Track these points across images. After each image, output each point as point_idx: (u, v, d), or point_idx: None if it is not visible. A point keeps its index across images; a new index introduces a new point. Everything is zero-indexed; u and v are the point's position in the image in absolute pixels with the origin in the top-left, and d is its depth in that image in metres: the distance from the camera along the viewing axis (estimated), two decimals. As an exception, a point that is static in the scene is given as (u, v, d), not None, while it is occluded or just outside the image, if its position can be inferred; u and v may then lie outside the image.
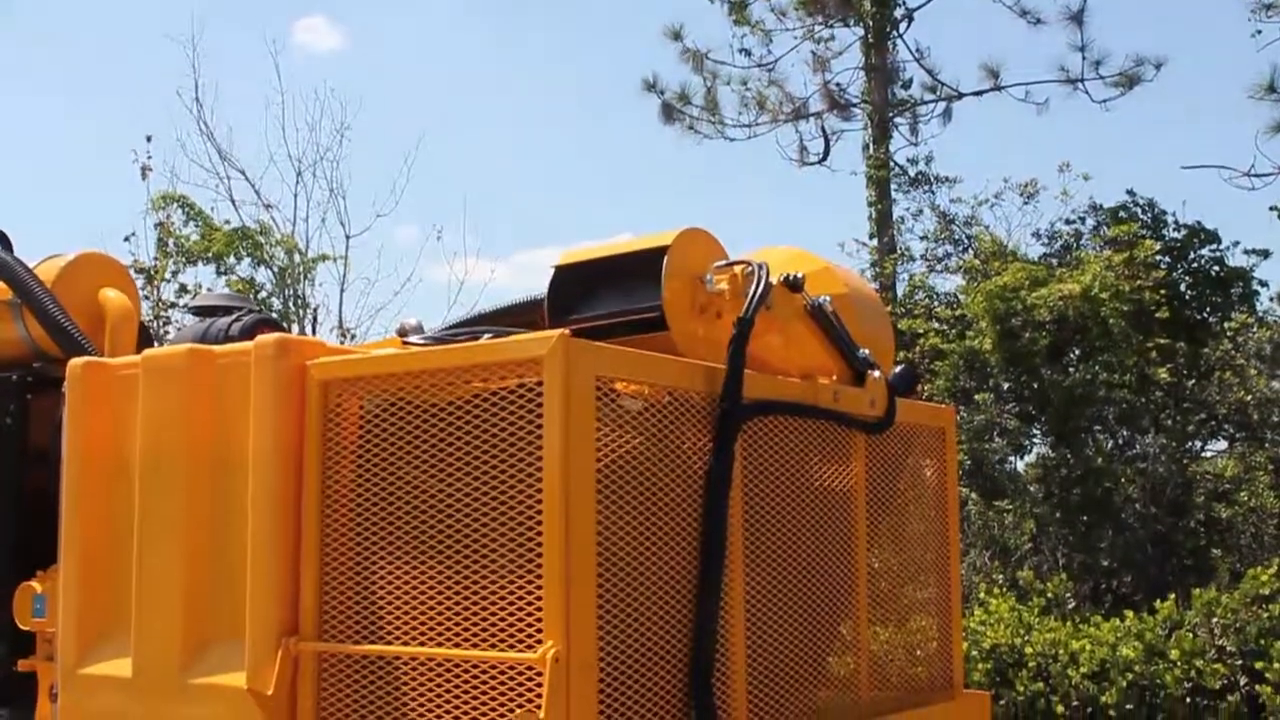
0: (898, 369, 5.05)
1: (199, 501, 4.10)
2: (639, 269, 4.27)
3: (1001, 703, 8.10)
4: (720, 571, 3.86)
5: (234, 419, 4.04)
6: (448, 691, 3.62)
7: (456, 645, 3.61)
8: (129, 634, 4.17)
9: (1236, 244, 15.81)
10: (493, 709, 3.53)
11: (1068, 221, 16.55)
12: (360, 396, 3.90)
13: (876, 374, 4.67)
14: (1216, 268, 15.68)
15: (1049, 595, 9.68)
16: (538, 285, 4.91)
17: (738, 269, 4.26)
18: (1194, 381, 13.83)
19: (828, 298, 4.57)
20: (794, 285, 4.42)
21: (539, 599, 3.45)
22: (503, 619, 3.53)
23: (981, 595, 9.69)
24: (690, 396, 3.92)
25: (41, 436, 5.17)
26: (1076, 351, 13.42)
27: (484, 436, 3.62)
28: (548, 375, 3.50)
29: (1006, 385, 13.29)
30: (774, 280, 4.26)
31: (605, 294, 4.39)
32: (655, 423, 3.80)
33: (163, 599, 4.09)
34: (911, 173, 18.63)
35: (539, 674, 3.39)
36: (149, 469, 4.19)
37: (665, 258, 4.20)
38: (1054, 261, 15.27)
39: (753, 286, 4.15)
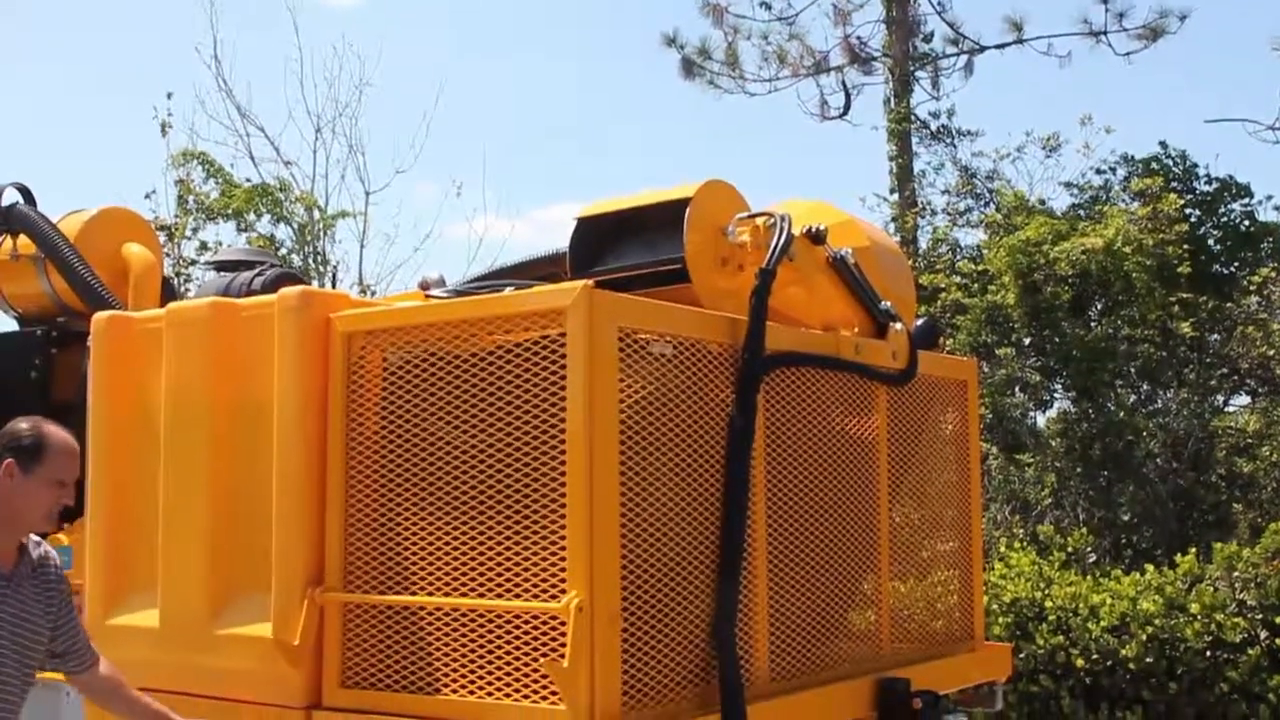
0: (919, 322, 5.03)
1: (224, 454, 4.12)
2: (661, 221, 4.25)
3: (1022, 655, 8.10)
4: (743, 522, 3.87)
5: (258, 372, 4.06)
6: (472, 641, 3.64)
7: (481, 595, 3.63)
8: (156, 586, 4.21)
9: (1269, 198, 15.70)
10: (517, 659, 3.56)
11: (1098, 172, 16.45)
12: (384, 348, 3.91)
13: (899, 326, 4.66)
14: (1247, 223, 15.56)
15: (1069, 550, 9.67)
16: (557, 241, 4.91)
17: (760, 221, 4.24)
18: (1217, 336, 13.76)
19: (850, 250, 4.56)
20: (816, 237, 4.40)
21: (563, 549, 3.47)
22: (527, 569, 3.55)
23: (1002, 550, 9.69)
24: (712, 348, 3.91)
25: (66, 390, 5.20)
26: (1099, 306, 13.35)
27: (508, 388, 3.63)
28: (571, 326, 3.50)
29: (1028, 340, 13.23)
30: (796, 232, 4.24)
31: (627, 247, 4.38)
32: (680, 372, 3.80)
33: (189, 551, 4.13)
34: (933, 127, 18.47)
35: (563, 623, 3.41)
36: (174, 422, 4.21)
37: (687, 210, 4.19)
38: (1082, 213, 15.15)
39: (775, 238, 4.13)
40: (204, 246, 15.55)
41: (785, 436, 4.17)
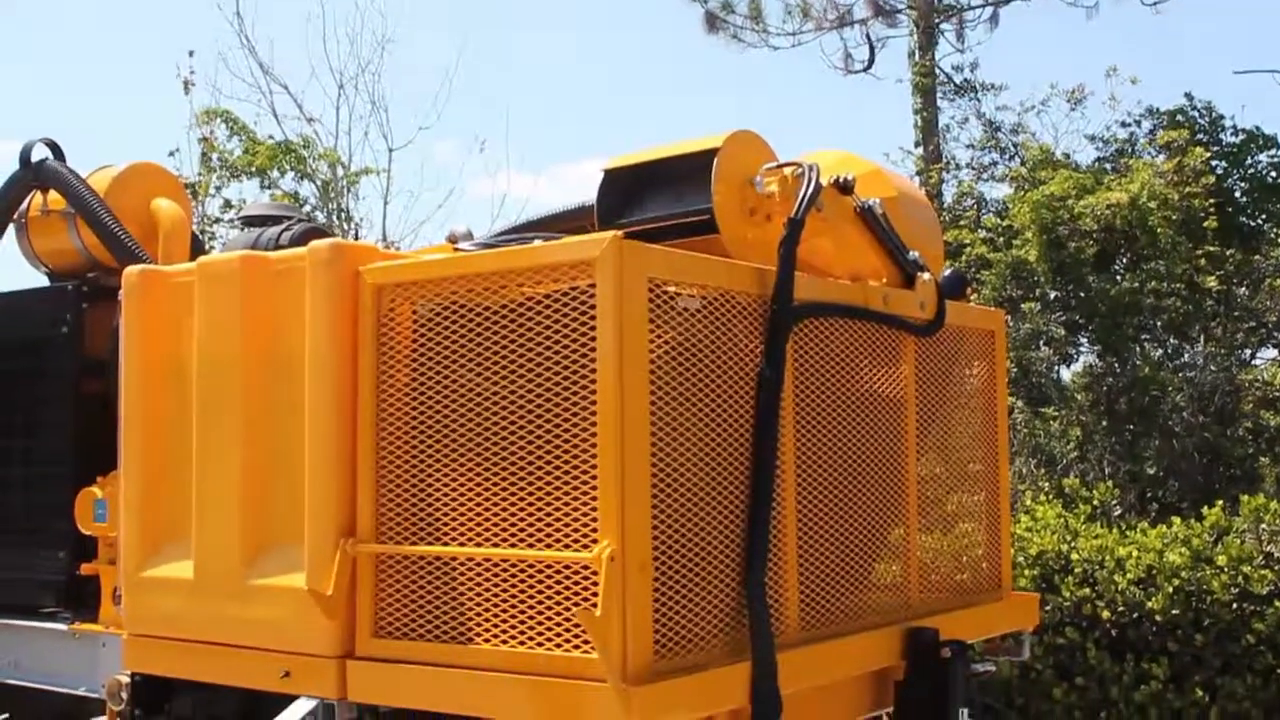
0: (947, 272, 5.02)
1: (256, 406, 4.15)
2: (688, 172, 4.25)
3: (1048, 608, 8.11)
4: (772, 472, 3.88)
5: (289, 324, 4.08)
6: (504, 591, 3.67)
7: (513, 546, 3.65)
8: (190, 537, 4.25)
9: (1297, 150, 15.59)
10: (549, 608, 3.58)
11: (1123, 125, 16.34)
12: (413, 301, 3.92)
13: (926, 276, 4.65)
14: (1274, 174, 15.46)
15: (1095, 503, 9.66)
16: (580, 197, 4.90)
17: (788, 171, 4.23)
18: (1244, 289, 13.68)
19: (878, 200, 4.54)
20: (844, 187, 4.39)
21: (594, 499, 3.48)
22: (558, 519, 3.57)
23: (1028, 503, 9.68)
24: (741, 299, 3.92)
25: (98, 345, 5.24)
26: (1124, 260, 13.29)
27: (538, 339, 3.64)
28: (600, 277, 3.50)
29: (1053, 294, 13.19)
30: (824, 182, 4.23)
31: (654, 198, 4.37)
32: (709, 323, 3.80)
33: (222, 502, 4.16)
34: (957, 80, 18.40)
35: (595, 573, 3.43)
36: (206, 375, 4.24)
37: (715, 160, 4.18)
38: (1108, 166, 15.07)
39: (803, 188, 4.12)
40: (228, 204, 15.57)
41: (813, 387, 4.18)
